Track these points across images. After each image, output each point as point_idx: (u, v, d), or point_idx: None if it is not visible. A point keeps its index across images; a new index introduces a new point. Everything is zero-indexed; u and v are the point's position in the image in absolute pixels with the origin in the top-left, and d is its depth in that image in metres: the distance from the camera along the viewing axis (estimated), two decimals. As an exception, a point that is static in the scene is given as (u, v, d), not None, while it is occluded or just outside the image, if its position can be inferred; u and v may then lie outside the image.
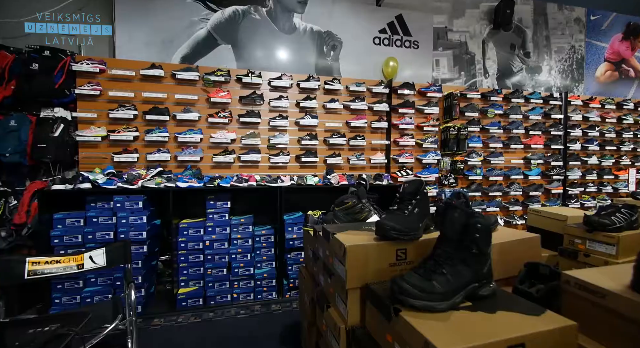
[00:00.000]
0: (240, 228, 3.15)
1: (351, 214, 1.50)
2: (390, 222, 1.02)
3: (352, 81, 3.84)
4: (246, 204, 3.42)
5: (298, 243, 3.16)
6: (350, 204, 1.49)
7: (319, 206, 3.58)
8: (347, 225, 1.29)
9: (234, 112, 3.51)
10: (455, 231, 0.87)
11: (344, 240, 1.06)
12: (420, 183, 1.13)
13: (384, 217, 1.09)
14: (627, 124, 4.92)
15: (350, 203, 1.49)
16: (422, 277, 0.83)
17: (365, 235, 1.12)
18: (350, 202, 1.49)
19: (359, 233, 1.15)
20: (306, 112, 3.71)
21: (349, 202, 1.49)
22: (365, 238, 1.09)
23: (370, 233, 1.15)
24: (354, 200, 1.50)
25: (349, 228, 1.21)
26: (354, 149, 3.89)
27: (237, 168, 3.54)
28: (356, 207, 1.49)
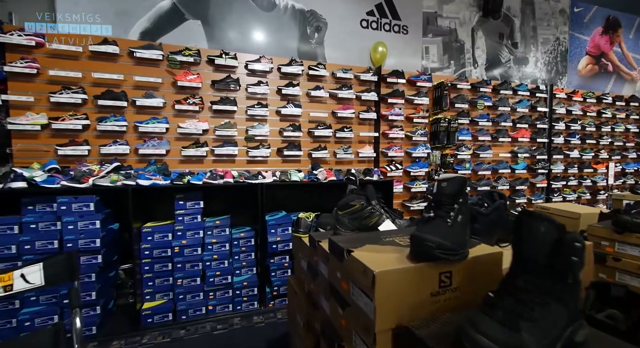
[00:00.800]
0: (216, 231, 2.75)
1: (358, 220, 1.18)
2: (433, 236, 0.72)
3: (339, 67, 3.51)
4: (222, 203, 3.02)
5: (283, 246, 2.81)
6: (357, 207, 1.17)
7: (305, 204, 3.25)
8: (360, 237, 0.97)
9: (205, 98, 3.07)
10: (543, 254, 0.59)
11: (369, 261, 0.74)
12: (462, 182, 0.83)
13: (420, 228, 0.78)
14: (606, 118, 4.99)
15: (358, 205, 1.17)
16: (504, 325, 0.54)
17: (392, 253, 0.81)
18: (358, 204, 1.17)
19: (381, 249, 0.84)
20: (288, 100, 3.34)
21: (356, 204, 1.17)
22: (393, 257, 0.78)
23: (396, 248, 0.84)
24: (362, 202, 1.18)
25: (364, 241, 0.90)
26: (340, 141, 3.58)
27: (210, 162, 3.11)
28: (365, 210, 1.18)
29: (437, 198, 0.83)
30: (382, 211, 1.22)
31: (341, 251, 0.84)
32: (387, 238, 0.93)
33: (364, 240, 0.91)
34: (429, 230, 0.75)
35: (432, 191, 0.86)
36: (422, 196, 3.89)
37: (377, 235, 0.99)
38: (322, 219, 1.65)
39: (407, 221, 1.26)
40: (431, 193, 0.87)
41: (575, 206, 2.16)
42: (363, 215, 1.19)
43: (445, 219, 0.78)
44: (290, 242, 2.84)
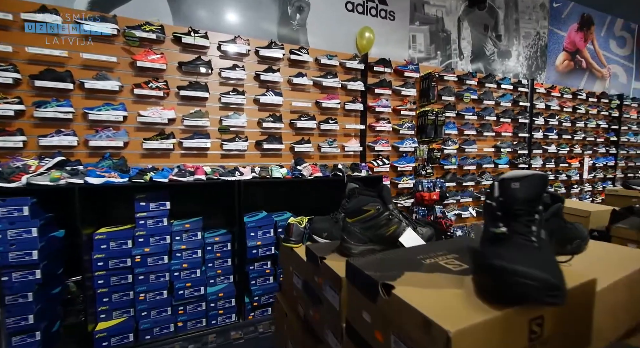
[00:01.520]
0: (185, 235, 2.39)
1: (373, 229, 0.92)
2: (529, 268, 0.47)
3: (323, 53, 3.22)
4: (192, 204, 2.65)
5: (264, 250, 2.50)
6: (372, 212, 0.91)
7: (288, 203, 2.96)
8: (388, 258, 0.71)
9: (171, 82, 2.66)
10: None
11: (428, 307, 0.47)
12: (543, 181, 0.59)
13: (499, 254, 0.52)
14: (580, 114, 5.11)
15: (373, 210, 0.91)
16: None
17: (450, 287, 0.55)
18: (373, 209, 0.91)
19: (432, 282, 0.57)
20: (268, 87, 3.00)
21: (370, 209, 0.91)
22: (457, 297, 0.52)
23: (450, 278, 0.59)
24: (378, 206, 0.92)
25: (399, 266, 0.64)
26: (325, 134, 3.30)
27: (178, 156, 2.72)
28: (381, 217, 0.92)
29: (506, 205, 0.58)
30: (401, 217, 0.96)
31: (373, 285, 0.57)
32: (427, 260, 0.67)
33: (398, 264, 0.65)
34: (514, 256, 0.50)
35: (495, 196, 0.61)
36: (409, 192, 3.73)
37: (409, 254, 0.73)
38: (316, 224, 1.37)
39: (429, 229, 1.02)
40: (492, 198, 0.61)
41: (583, 204, 2.05)
42: (379, 223, 0.93)
43: (527, 237, 0.53)
44: (272, 246, 2.54)
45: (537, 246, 0.52)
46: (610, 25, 5.50)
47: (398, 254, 0.71)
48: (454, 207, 4.04)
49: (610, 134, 5.48)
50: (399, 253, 0.72)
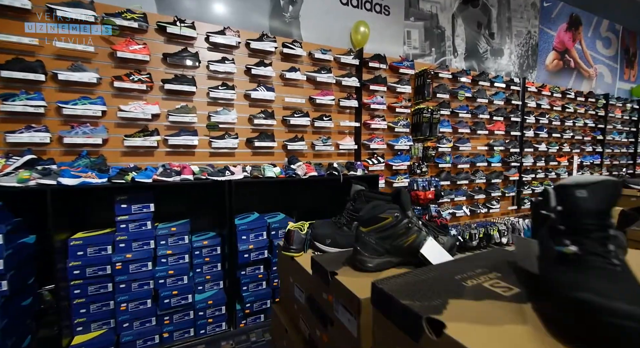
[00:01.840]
0: (171, 239, 2.23)
1: (390, 239, 0.81)
2: (622, 302, 0.36)
3: (317, 47, 3.08)
4: (178, 205, 2.49)
5: (256, 254, 2.37)
6: (390, 220, 0.80)
7: (280, 204, 2.82)
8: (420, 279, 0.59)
9: (155, 75, 2.47)
10: None
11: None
12: (616, 189, 0.49)
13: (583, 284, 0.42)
14: (568, 113, 5.17)
15: (391, 218, 0.80)
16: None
17: (514, 323, 0.43)
18: (391, 217, 0.80)
19: (488, 315, 0.45)
20: (259, 82, 2.84)
21: (388, 217, 0.79)
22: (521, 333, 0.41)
23: (506, 307, 0.48)
24: (396, 213, 0.80)
25: (438, 290, 0.52)
26: (319, 131, 3.18)
27: (162, 155, 2.54)
28: (400, 226, 0.81)
29: (572, 218, 0.48)
30: (420, 224, 0.85)
31: (415, 320, 0.45)
32: (467, 281, 0.56)
33: (436, 288, 0.54)
34: (599, 286, 0.39)
35: (552, 206, 0.51)
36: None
37: (443, 273, 0.61)
38: (317, 229, 1.25)
39: (450, 237, 0.92)
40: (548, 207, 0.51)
41: None
42: (397, 232, 0.82)
43: (607, 259, 0.43)
44: (265, 250, 2.40)
45: (621, 271, 0.42)
46: (596, 25, 5.59)
47: (430, 274, 0.60)
48: (448, 206, 4.00)
49: (596, 133, 5.59)
50: (429, 272, 0.61)
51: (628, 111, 6.04)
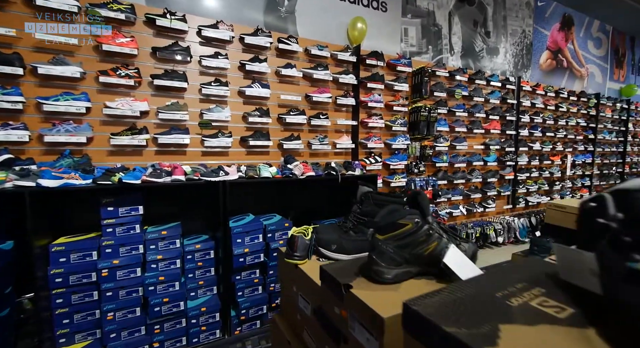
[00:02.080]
0: (162, 243, 2.11)
1: (410, 247, 0.73)
2: None
3: (313, 43, 2.99)
4: (169, 207, 2.37)
5: (252, 258, 2.27)
6: (410, 227, 0.71)
7: (276, 205, 2.72)
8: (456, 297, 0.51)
9: (143, 70, 2.34)
10: None
11: None
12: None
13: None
14: (561, 112, 5.21)
15: (411, 225, 0.71)
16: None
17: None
18: (411, 223, 0.72)
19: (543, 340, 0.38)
20: (254, 78, 2.74)
21: (408, 223, 0.71)
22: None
23: (559, 329, 0.40)
24: (416, 219, 0.72)
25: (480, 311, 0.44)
26: (315, 130, 3.09)
27: (152, 154, 2.41)
28: (420, 233, 0.73)
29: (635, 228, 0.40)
30: (441, 231, 0.77)
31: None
32: (512, 299, 0.49)
33: (480, 309, 0.46)
34: None
35: (611, 214, 0.43)
36: (400, 191, 3.59)
37: (482, 290, 0.53)
38: (322, 234, 1.17)
39: (471, 244, 0.84)
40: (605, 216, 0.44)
41: None
42: (417, 240, 0.74)
43: None
44: (261, 253, 2.31)
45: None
46: (588, 26, 5.64)
47: (465, 291, 0.52)
48: (445, 205, 3.96)
49: (588, 132, 5.64)
50: (464, 288, 0.53)
51: (618, 110, 6.13)
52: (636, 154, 6.76)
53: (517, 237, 4.42)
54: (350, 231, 1.17)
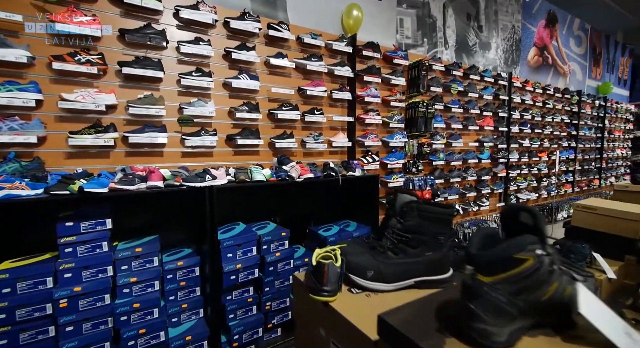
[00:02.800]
0: (136, 263, 1.76)
1: (527, 292, 0.47)
2: None
3: (306, 31, 2.71)
4: (144, 216, 2.01)
5: (245, 275, 1.96)
6: (531, 263, 0.46)
7: (270, 211, 2.43)
8: None
9: (109, 56, 1.97)
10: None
11: None
12: None
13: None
14: (547, 109, 5.23)
15: (532, 260, 0.46)
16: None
17: None
18: (532, 258, 0.46)
19: None
20: (241, 69, 2.42)
21: (528, 258, 0.46)
22: None
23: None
24: (539, 251, 0.47)
25: None
26: (309, 127, 2.81)
27: (122, 156, 2.04)
28: (541, 271, 0.47)
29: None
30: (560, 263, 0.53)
31: None
32: None
33: None
34: None
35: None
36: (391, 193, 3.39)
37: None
38: (352, 256, 0.91)
39: (589, 277, 0.60)
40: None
41: (625, 205, 1.82)
42: (537, 281, 0.49)
43: None
44: (255, 268, 2.00)
45: None
46: (570, 23, 5.72)
47: None
48: (442, 206, 3.80)
49: (570, 129, 5.73)
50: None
51: (596, 107, 6.29)
52: (611, 149, 6.99)
53: (511, 235, 4.35)
54: (389, 252, 0.91)
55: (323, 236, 2.32)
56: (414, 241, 0.90)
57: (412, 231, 0.89)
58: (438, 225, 0.90)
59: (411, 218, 0.90)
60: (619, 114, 7.03)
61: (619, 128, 7.17)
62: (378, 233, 1.05)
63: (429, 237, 0.89)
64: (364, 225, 2.57)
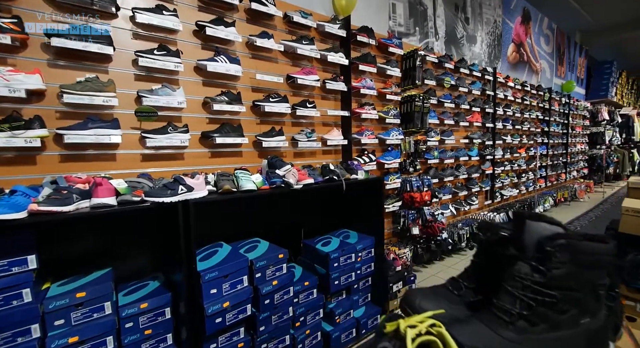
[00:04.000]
0: (77, 313, 1.25)
1: None
2: None
3: (296, 9, 2.29)
4: (92, 243, 1.48)
5: (234, 314, 1.51)
6: None
7: (256, 224, 1.97)
8: None
9: (31, 22, 1.40)
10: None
11: None
12: None
13: None
14: (525, 105, 5.27)
15: None
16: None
17: None
18: None
19: None
20: (218, 50, 1.94)
21: None
22: None
23: None
24: None
25: None
26: (300, 122, 2.40)
27: (53, 162, 1.48)
28: None
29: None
30: None
31: None
32: None
33: None
34: None
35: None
36: (393, 193, 3.09)
37: None
38: (460, 331, 0.52)
39: None
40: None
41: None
42: None
43: None
44: (247, 304, 1.56)
45: None
46: (540, 22, 5.85)
47: None
48: (437, 207, 3.59)
49: (543, 125, 5.87)
50: None
51: (562, 104, 6.54)
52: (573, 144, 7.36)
53: (499, 233, 4.26)
54: (520, 322, 0.54)
55: (323, 252, 1.93)
56: (562, 303, 0.54)
57: (562, 287, 0.53)
58: (596, 270, 0.55)
59: (560, 265, 0.54)
60: (578, 111, 7.43)
61: (579, 125, 7.58)
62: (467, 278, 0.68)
63: (586, 293, 0.54)
64: (365, 235, 2.23)
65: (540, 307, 0.54)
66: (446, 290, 0.69)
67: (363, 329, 2.06)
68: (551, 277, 0.54)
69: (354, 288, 2.10)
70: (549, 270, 0.54)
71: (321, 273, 1.95)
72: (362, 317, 2.06)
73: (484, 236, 0.69)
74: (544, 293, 0.54)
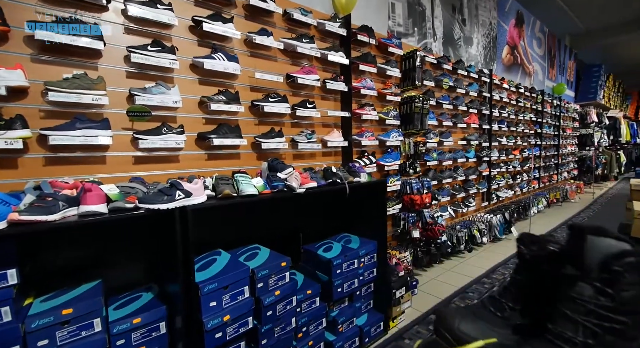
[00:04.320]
0: (63, 332, 1.14)
1: None
2: None
3: (295, 6, 2.21)
4: (80, 253, 1.37)
5: (235, 328, 1.42)
6: None
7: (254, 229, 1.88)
8: None
9: (12, 13, 1.29)
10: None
11: None
12: None
13: None
14: (519, 107, 5.31)
15: None
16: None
17: None
18: None
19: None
20: (214, 46, 1.84)
21: None
22: None
23: None
24: None
25: None
26: (300, 123, 2.32)
27: (36, 165, 1.37)
28: None
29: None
30: None
31: None
32: None
33: None
34: None
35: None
36: (393, 195, 3.04)
37: None
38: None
39: None
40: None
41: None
42: None
43: None
44: (249, 317, 1.47)
45: None
46: (532, 25, 5.91)
47: None
48: (436, 209, 3.55)
49: (536, 126, 5.93)
50: None
51: (554, 106, 6.63)
52: (564, 146, 7.47)
53: (496, 235, 4.27)
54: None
55: (325, 259, 1.85)
56: (632, 329, 0.47)
57: (632, 311, 0.47)
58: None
59: (630, 287, 0.47)
60: (569, 113, 7.56)
61: (570, 126, 7.71)
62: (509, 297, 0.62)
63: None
64: (367, 240, 2.16)
65: (608, 335, 0.48)
66: (486, 310, 0.62)
67: (366, 338, 1.99)
68: (620, 301, 0.47)
69: (356, 295, 2.02)
70: (617, 293, 0.48)
71: (323, 280, 1.87)
72: (365, 325, 1.99)
73: (527, 251, 0.62)
74: (612, 319, 0.47)
